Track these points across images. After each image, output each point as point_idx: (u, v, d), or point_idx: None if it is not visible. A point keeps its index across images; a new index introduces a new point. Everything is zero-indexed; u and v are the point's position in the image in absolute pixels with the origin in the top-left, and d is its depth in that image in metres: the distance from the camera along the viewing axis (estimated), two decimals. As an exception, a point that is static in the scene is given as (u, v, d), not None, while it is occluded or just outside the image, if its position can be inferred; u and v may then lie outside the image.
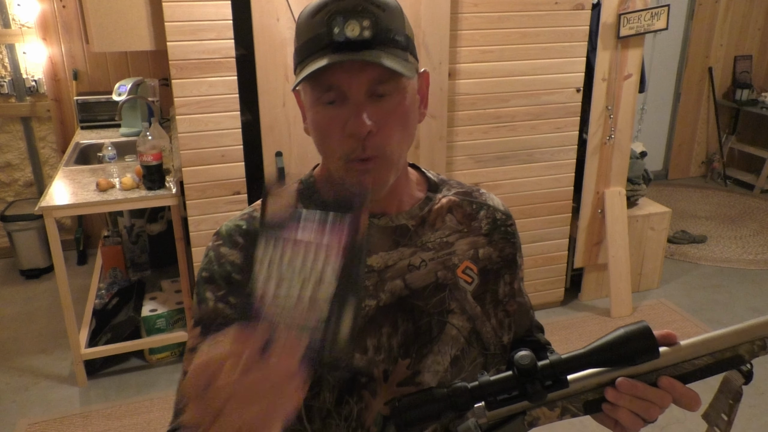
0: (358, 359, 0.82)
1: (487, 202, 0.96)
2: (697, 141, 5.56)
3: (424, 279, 0.86)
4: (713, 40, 5.26)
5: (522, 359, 0.68)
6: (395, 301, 0.84)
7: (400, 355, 0.84)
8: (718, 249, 4.14)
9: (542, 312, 3.34)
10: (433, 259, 0.87)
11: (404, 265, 0.86)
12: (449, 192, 0.94)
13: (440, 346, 0.85)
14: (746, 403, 2.61)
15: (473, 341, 0.88)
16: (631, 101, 3.15)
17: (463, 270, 0.89)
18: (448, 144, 2.86)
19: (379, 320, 0.83)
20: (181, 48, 2.38)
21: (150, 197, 2.60)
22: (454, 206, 0.92)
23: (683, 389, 0.70)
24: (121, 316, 2.93)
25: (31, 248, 3.72)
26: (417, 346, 0.84)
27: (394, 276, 0.85)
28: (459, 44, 2.75)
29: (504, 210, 0.96)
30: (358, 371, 0.82)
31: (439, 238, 0.89)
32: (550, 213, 3.17)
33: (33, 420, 2.53)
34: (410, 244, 0.87)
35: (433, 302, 0.86)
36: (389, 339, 0.84)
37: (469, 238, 0.91)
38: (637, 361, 0.69)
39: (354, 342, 0.69)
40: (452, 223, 0.91)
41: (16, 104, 3.79)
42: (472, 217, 0.92)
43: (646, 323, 0.69)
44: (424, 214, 0.89)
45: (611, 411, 0.71)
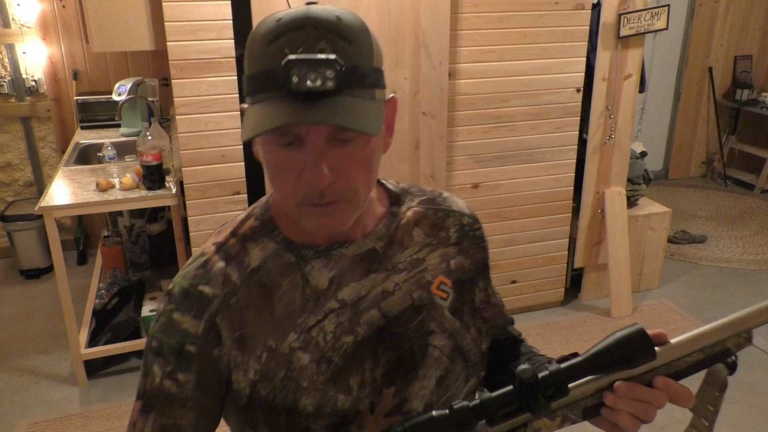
0: (342, 401, 0.78)
1: (452, 207, 0.90)
2: (697, 141, 5.56)
3: (400, 303, 0.81)
4: (713, 40, 5.26)
5: (523, 373, 0.67)
6: (374, 332, 0.79)
7: (385, 384, 0.80)
8: (718, 249, 4.14)
9: (542, 312, 3.34)
10: (406, 280, 0.82)
11: (378, 293, 0.80)
12: (412, 203, 0.88)
13: (425, 370, 0.82)
14: (746, 402, 2.61)
15: (456, 358, 0.85)
16: (631, 101, 3.15)
17: (438, 286, 0.84)
18: (448, 144, 2.86)
19: (360, 356, 0.79)
20: (181, 48, 2.38)
21: (150, 197, 2.60)
22: (420, 218, 0.87)
23: (678, 387, 0.71)
24: (121, 316, 2.93)
25: (31, 248, 3.72)
26: (401, 373, 0.81)
27: (369, 306, 0.80)
28: (459, 44, 2.75)
29: (470, 213, 0.92)
30: (344, 414, 0.78)
31: (409, 256, 0.83)
32: (550, 213, 3.17)
33: (33, 420, 2.53)
34: (381, 268, 0.81)
35: (412, 327, 0.81)
36: (372, 372, 0.79)
37: (439, 251, 0.86)
38: (635, 364, 0.69)
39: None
40: (420, 237, 0.85)
41: (16, 104, 3.79)
42: (439, 227, 0.87)
43: (640, 326, 0.69)
44: (392, 232, 0.84)
45: (610, 415, 0.71)
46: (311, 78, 0.63)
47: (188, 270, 0.80)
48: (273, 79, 0.65)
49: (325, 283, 0.79)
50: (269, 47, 0.66)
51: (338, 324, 0.78)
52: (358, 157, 0.71)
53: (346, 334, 0.78)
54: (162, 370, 0.76)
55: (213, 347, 0.76)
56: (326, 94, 0.64)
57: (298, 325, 0.78)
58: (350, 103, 0.66)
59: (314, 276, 0.79)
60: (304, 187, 0.70)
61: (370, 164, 0.73)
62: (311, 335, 0.78)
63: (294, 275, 0.79)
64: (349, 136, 0.69)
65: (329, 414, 0.77)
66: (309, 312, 0.78)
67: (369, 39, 0.70)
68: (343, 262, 0.80)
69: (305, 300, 0.78)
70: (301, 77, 0.63)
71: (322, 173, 0.68)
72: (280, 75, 0.64)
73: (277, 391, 0.77)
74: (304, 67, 0.63)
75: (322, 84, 0.64)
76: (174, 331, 0.76)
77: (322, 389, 0.77)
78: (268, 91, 0.66)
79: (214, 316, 0.77)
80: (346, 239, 0.81)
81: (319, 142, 0.68)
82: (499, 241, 3.13)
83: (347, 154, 0.70)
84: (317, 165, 0.68)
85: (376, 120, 0.68)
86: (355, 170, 0.71)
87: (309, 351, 0.77)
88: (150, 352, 0.77)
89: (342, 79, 0.65)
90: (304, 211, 0.72)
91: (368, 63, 0.69)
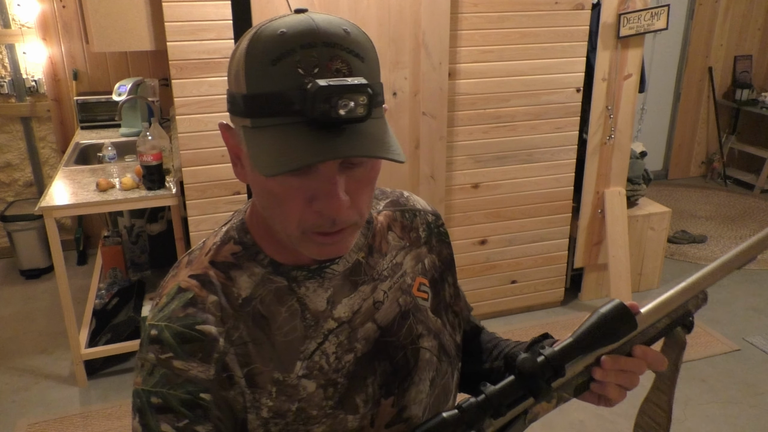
0: (351, 421, 0.76)
1: (416, 206, 0.89)
2: (697, 141, 5.56)
3: (390, 312, 0.80)
4: (713, 40, 5.26)
5: (525, 363, 0.70)
6: (372, 346, 0.77)
7: (383, 396, 0.78)
8: (718, 249, 4.14)
9: (542, 312, 3.34)
10: (391, 287, 0.81)
11: (370, 305, 0.78)
12: (379, 206, 0.86)
13: (419, 374, 0.81)
14: (746, 403, 2.61)
15: (442, 356, 0.85)
16: (631, 101, 3.15)
17: (418, 288, 0.84)
18: (448, 144, 2.86)
19: (362, 372, 0.77)
20: (181, 48, 2.38)
21: (150, 197, 2.60)
22: (391, 222, 0.85)
23: (652, 353, 0.75)
24: (121, 316, 2.93)
25: (31, 248, 3.72)
26: (398, 382, 0.79)
27: (364, 320, 0.77)
28: (459, 44, 2.75)
29: (432, 210, 0.91)
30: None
31: (389, 262, 0.82)
32: (550, 213, 3.17)
33: (33, 420, 2.53)
34: (368, 279, 0.79)
35: (403, 333, 0.80)
36: (372, 386, 0.78)
37: (412, 252, 0.85)
38: (620, 336, 0.73)
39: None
40: (395, 240, 0.84)
41: (16, 104, 3.79)
42: (408, 228, 0.86)
43: (619, 301, 0.73)
44: (370, 241, 0.81)
45: (599, 389, 0.74)
46: (343, 106, 0.58)
47: (172, 310, 0.71)
48: (287, 103, 0.60)
49: (323, 304, 0.75)
50: (277, 66, 0.60)
51: (338, 344, 0.75)
52: (366, 179, 0.67)
53: (346, 353, 0.76)
54: (174, 428, 0.66)
55: (228, 390, 0.70)
56: (355, 121, 0.59)
57: (302, 352, 0.73)
58: (373, 128, 0.62)
59: (311, 299, 0.75)
60: (313, 215, 0.65)
61: (374, 181, 0.70)
62: (314, 360, 0.74)
63: (290, 301, 0.74)
64: (360, 159, 0.65)
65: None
66: (311, 337, 0.74)
67: (375, 53, 0.66)
68: (336, 279, 0.76)
69: (306, 326, 0.74)
70: (333, 105, 0.57)
71: (340, 199, 0.63)
72: (300, 101, 0.59)
73: (289, 425, 0.73)
74: (336, 94, 0.57)
75: (354, 111, 0.58)
76: (181, 382, 0.67)
77: (332, 414, 0.74)
78: (281, 116, 0.60)
79: (223, 357, 0.70)
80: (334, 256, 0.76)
81: (334, 168, 0.63)
82: (499, 241, 3.13)
83: (357, 177, 0.66)
84: (334, 193, 0.63)
85: (396, 142, 0.65)
86: (363, 194, 0.68)
87: (313, 377, 0.74)
88: (151, 412, 0.67)
89: (372, 106, 0.60)
90: (308, 239, 0.68)
91: (377, 80, 0.66)
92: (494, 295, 3.22)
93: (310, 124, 0.59)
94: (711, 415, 2.56)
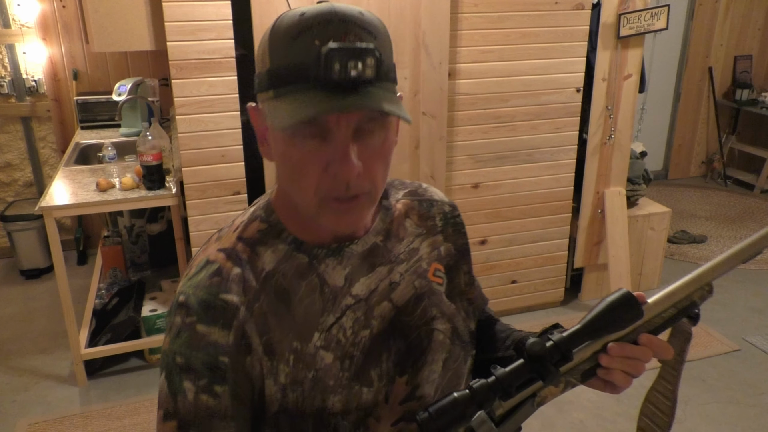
0: (366, 394, 0.80)
1: (434, 197, 0.95)
2: (697, 141, 5.56)
3: (406, 293, 0.84)
4: (713, 40, 5.26)
5: (534, 346, 0.72)
6: (387, 324, 0.82)
7: (397, 373, 0.83)
8: (718, 249, 4.14)
9: (542, 312, 3.34)
10: (407, 270, 0.86)
11: (386, 285, 0.83)
12: (398, 195, 0.91)
13: (432, 355, 0.85)
14: (746, 403, 2.61)
15: (455, 340, 0.89)
16: (631, 101, 3.15)
17: (433, 273, 0.88)
18: (448, 144, 2.86)
19: (377, 349, 0.81)
20: (181, 48, 2.38)
21: (150, 197, 2.60)
22: (409, 210, 0.90)
23: (658, 341, 0.77)
24: (121, 316, 2.93)
25: (31, 248, 3.72)
26: (411, 360, 0.84)
27: (381, 299, 0.82)
28: (459, 44, 2.75)
29: (449, 202, 0.96)
30: (368, 407, 0.80)
31: (405, 247, 0.87)
32: (550, 213, 3.17)
33: (33, 420, 2.53)
34: (384, 261, 0.84)
35: (417, 314, 0.85)
36: (387, 362, 0.82)
37: (429, 239, 0.90)
38: (627, 324, 0.75)
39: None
40: (412, 227, 0.89)
41: (16, 104, 3.79)
42: (426, 216, 0.91)
43: (626, 290, 0.75)
44: (388, 226, 0.86)
45: (606, 374, 0.76)
46: (352, 66, 0.64)
47: (200, 279, 0.77)
48: (303, 72, 0.66)
49: (341, 280, 0.80)
50: (296, 40, 0.67)
51: (355, 320, 0.80)
52: (380, 150, 0.72)
53: (363, 329, 0.80)
54: (195, 386, 0.72)
55: (245, 356, 0.75)
56: (361, 85, 0.65)
57: (320, 324, 0.79)
58: (383, 94, 0.67)
59: (330, 275, 0.80)
60: (329, 180, 0.70)
61: (388, 158, 0.75)
62: (332, 333, 0.79)
63: (310, 276, 0.79)
64: (373, 128, 0.70)
65: (355, 409, 0.79)
66: (329, 311, 0.79)
67: (387, 36, 0.72)
68: (354, 258, 0.82)
69: (325, 300, 0.79)
70: (343, 66, 0.64)
71: (352, 163, 0.68)
72: (314, 66, 0.65)
73: (306, 393, 0.77)
74: (346, 56, 0.64)
75: (363, 72, 0.64)
76: (203, 345, 0.73)
77: (347, 386, 0.79)
78: (298, 83, 0.67)
79: (243, 325, 0.75)
80: (352, 237, 0.82)
81: (348, 133, 0.69)
82: (499, 241, 3.13)
83: (370, 146, 0.71)
84: (347, 156, 0.68)
85: (406, 112, 0.70)
86: (376, 163, 0.72)
87: (331, 350, 0.78)
88: (175, 370, 0.73)
89: (378, 69, 0.66)
90: (326, 207, 0.72)
91: (389, 58, 0.71)
92: (494, 295, 3.22)
93: (325, 87, 0.65)
94: (711, 415, 2.55)
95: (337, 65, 0.64)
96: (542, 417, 2.56)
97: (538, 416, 2.55)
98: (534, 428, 2.50)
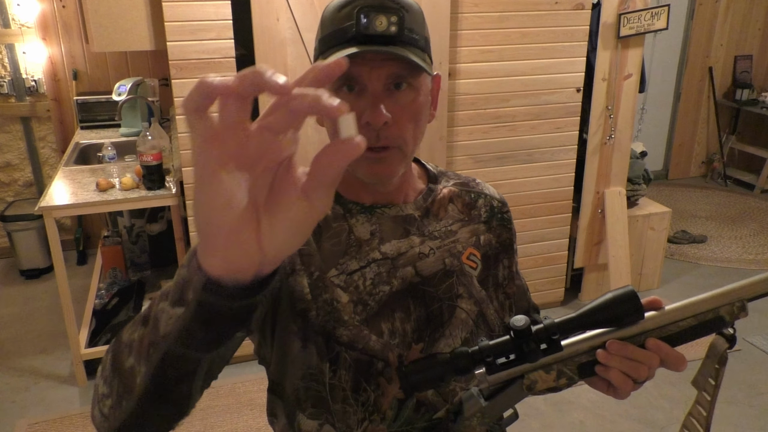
0: (374, 342, 0.85)
1: (484, 191, 1.00)
2: (697, 141, 5.56)
3: (434, 266, 0.90)
4: (713, 40, 5.26)
5: (517, 321, 0.72)
6: (406, 286, 0.88)
7: (414, 340, 0.87)
8: (718, 249, 4.14)
9: (542, 312, 3.33)
10: (440, 247, 0.91)
11: (415, 253, 0.89)
12: (448, 183, 0.98)
13: (451, 330, 0.89)
14: (746, 403, 2.61)
15: (480, 324, 0.92)
16: (631, 101, 3.15)
17: (468, 256, 0.93)
18: (448, 144, 2.86)
19: (392, 305, 0.87)
20: (181, 48, 2.38)
21: (150, 197, 2.60)
22: (455, 196, 0.96)
23: (669, 350, 0.74)
24: (121, 316, 2.93)
25: (31, 248, 3.72)
26: (429, 330, 0.88)
27: (406, 263, 0.89)
28: (459, 44, 2.75)
29: (500, 198, 1.01)
30: (374, 354, 0.85)
31: (443, 227, 0.93)
32: (550, 213, 3.17)
33: (33, 420, 2.53)
34: (418, 233, 0.91)
35: (442, 288, 0.90)
36: (402, 324, 0.87)
37: (470, 226, 0.95)
38: (624, 322, 0.74)
39: None
40: (454, 212, 0.95)
41: (16, 104, 3.79)
42: (471, 206, 0.97)
43: (631, 287, 0.74)
44: (428, 204, 0.93)
45: (603, 372, 0.75)
46: (378, 20, 0.76)
47: None
48: (343, 33, 0.78)
49: (367, 234, 0.89)
50: (340, 12, 0.79)
51: (377, 273, 0.87)
52: (409, 107, 0.81)
53: (383, 284, 0.87)
54: None
55: None
56: (389, 41, 0.77)
57: (340, 264, 0.87)
58: (410, 52, 0.78)
59: (357, 228, 0.89)
60: (363, 129, 0.78)
61: (418, 117, 0.83)
62: (353, 278, 0.87)
63: (341, 222, 0.89)
64: (402, 85, 0.80)
65: (360, 349, 0.85)
66: (351, 256, 0.87)
67: (422, 15, 0.83)
68: (384, 220, 0.90)
69: (348, 244, 0.88)
70: (370, 19, 0.76)
71: (380, 113, 0.77)
72: (351, 26, 0.77)
73: (319, 311, 0.85)
74: (373, 11, 0.76)
75: (387, 27, 0.76)
76: None
77: (357, 326, 0.86)
78: (339, 45, 0.78)
79: None
80: (389, 202, 0.91)
81: (379, 85, 0.79)
82: (499, 241, 3.12)
83: (400, 101, 0.80)
84: (376, 106, 0.78)
85: (430, 68, 0.82)
86: (405, 118, 0.81)
87: (348, 291, 0.86)
88: None
89: (402, 32, 0.77)
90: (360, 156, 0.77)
91: (421, 31, 0.82)
92: (494, 295, 3.22)
93: (359, 42, 0.77)
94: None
95: (364, 18, 0.75)
96: (542, 417, 2.56)
97: (538, 416, 2.55)
98: (534, 428, 2.50)
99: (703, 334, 0.75)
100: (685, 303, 0.75)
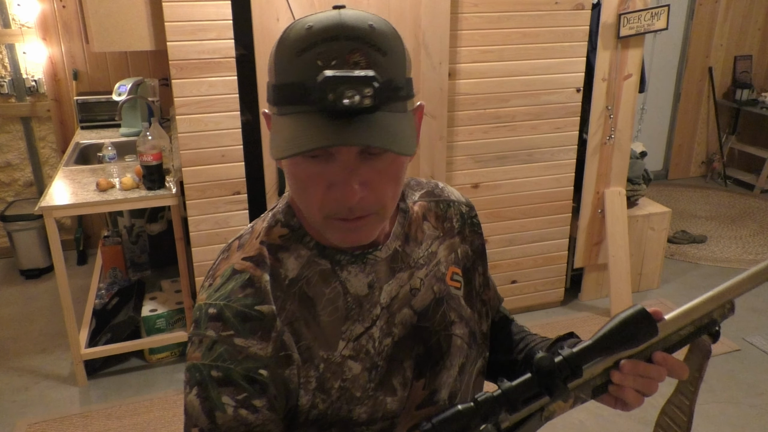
0: (390, 403, 0.79)
1: (450, 197, 0.93)
2: (697, 141, 5.56)
3: (425, 298, 0.83)
4: (713, 40, 5.26)
5: (542, 361, 0.70)
6: (408, 331, 0.81)
7: (415, 377, 0.81)
8: (718, 249, 4.14)
9: (542, 312, 3.34)
10: (427, 275, 0.84)
11: (407, 291, 0.81)
12: (415, 196, 0.89)
13: (450, 360, 0.84)
14: (746, 403, 2.61)
15: (472, 343, 0.88)
16: (631, 101, 3.15)
17: (451, 277, 0.87)
18: (448, 144, 2.86)
19: (399, 356, 0.80)
20: (181, 48, 2.38)
21: (150, 197, 2.60)
22: (426, 212, 0.88)
23: (673, 360, 0.75)
24: (121, 316, 2.93)
25: (31, 248, 3.72)
26: (430, 365, 0.83)
27: (402, 306, 0.81)
28: (459, 44, 2.75)
29: (466, 201, 0.95)
30: (394, 416, 0.79)
31: (424, 251, 0.85)
32: (550, 213, 3.17)
33: (33, 420, 2.53)
34: (404, 267, 0.82)
35: (437, 319, 0.84)
36: (408, 369, 0.81)
37: (446, 242, 0.88)
38: (640, 342, 0.73)
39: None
40: (430, 230, 0.87)
41: (16, 104, 3.79)
42: (443, 218, 0.90)
43: (641, 306, 0.72)
44: (406, 230, 0.84)
45: (617, 391, 0.74)
46: (348, 96, 0.61)
47: (230, 290, 0.74)
48: (304, 93, 0.63)
49: (365, 289, 0.78)
50: (300, 58, 0.64)
51: (380, 328, 0.79)
52: (389, 171, 0.69)
53: (386, 337, 0.79)
54: (234, 400, 0.69)
55: (284, 368, 0.73)
56: (362, 111, 0.62)
57: (344, 333, 0.77)
58: (386, 121, 0.64)
59: (352, 283, 0.78)
60: (332, 202, 0.68)
61: (399, 178, 0.72)
62: (361, 344, 0.77)
63: (333, 283, 0.77)
64: (380, 150, 0.66)
65: (381, 419, 0.78)
66: (354, 319, 0.77)
67: (402, 48, 0.68)
68: (379, 266, 0.80)
69: (348, 308, 0.77)
70: (338, 95, 0.61)
71: (352, 190, 0.66)
72: (314, 90, 0.62)
73: (333, 402, 0.76)
74: (341, 85, 0.61)
75: (360, 102, 0.61)
76: (242, 358, 0.70)
77: (373, 396, 0.77)
78: (299, 104, 0.64)
79: (281, 336, 0.73)
80: (375, 243, 0.80)
81: (351, 157, 0.66)
82: (499, 241, 3.13)
83: (378, 168, 0.68)
84: (348, 181, 0.66)
85: (411, 137, 0.67)
86: (384, 185, 0.69)
87: (360, 360, 0.77)
88: (212, 385, 0.70)
89: (378, 96, 0.62)
90: (330, 224, 0.71)
91: (402, 75, 0.67)
92: (494, 295, 3.22)
93: (323, 112, 0.62)
94: (711, 415, 2.55)
95: (331, 95, 0.61)
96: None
97: (538, 416, 2.56)
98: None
99: (698, 336, 0.77)
100: (682, 311, 0.76)
